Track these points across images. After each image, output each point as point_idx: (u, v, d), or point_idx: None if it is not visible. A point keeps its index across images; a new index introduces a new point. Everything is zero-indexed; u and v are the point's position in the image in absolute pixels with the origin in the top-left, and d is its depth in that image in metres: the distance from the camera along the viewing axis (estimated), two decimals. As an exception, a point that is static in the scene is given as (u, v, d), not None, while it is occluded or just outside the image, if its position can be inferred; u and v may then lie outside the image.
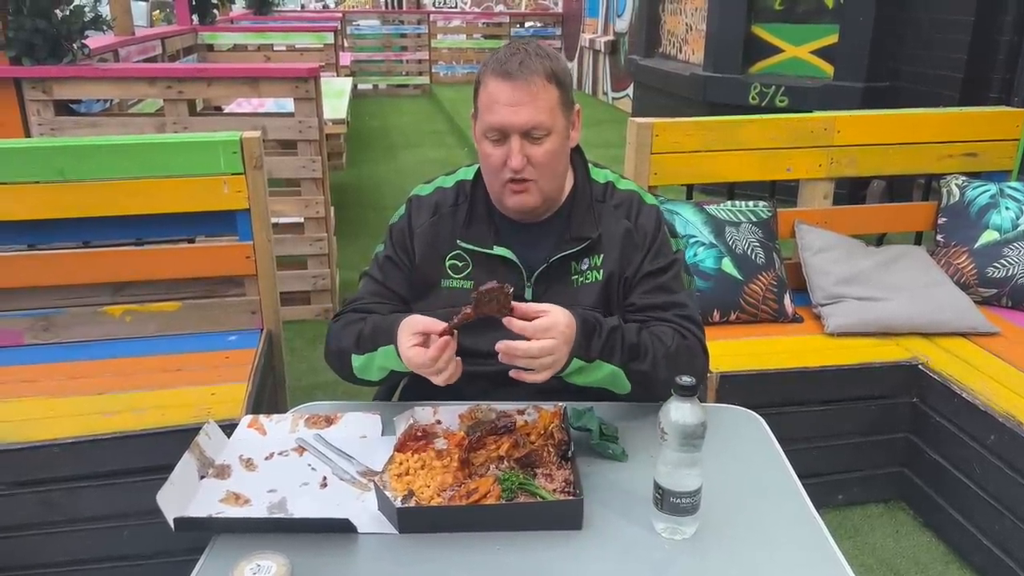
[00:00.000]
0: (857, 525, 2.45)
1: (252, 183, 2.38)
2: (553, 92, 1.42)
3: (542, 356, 1.29)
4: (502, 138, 1.42)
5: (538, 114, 1.40)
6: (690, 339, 1.50)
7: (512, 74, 1.39)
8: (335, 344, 1.57)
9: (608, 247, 1.54)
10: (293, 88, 3.57)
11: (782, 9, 5.75)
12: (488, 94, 1.42)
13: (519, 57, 1.41)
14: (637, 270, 1.54)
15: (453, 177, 1.62)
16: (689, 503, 1.16)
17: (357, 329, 1.52)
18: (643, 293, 1.53)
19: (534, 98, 1.40)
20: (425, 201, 1.60)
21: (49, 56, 3.38)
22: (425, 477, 1.27)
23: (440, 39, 12.84)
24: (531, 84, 1.39)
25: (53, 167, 2.27)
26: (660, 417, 1.15)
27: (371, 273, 1.64)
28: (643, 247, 1.54)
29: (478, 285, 1.50)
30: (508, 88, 1.40)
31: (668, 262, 1.55)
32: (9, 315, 2.39)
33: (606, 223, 1.55)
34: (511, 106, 1.40)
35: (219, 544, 1.16)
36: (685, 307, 1.54)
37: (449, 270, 1.55)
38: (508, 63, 1.40)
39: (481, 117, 1.45)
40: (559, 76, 1.43)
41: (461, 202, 1.57)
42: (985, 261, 2.73)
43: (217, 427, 1.40)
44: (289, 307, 3.83)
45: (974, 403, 2.19)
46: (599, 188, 1.58)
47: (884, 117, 2.95)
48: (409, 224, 1.59)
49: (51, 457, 1.91)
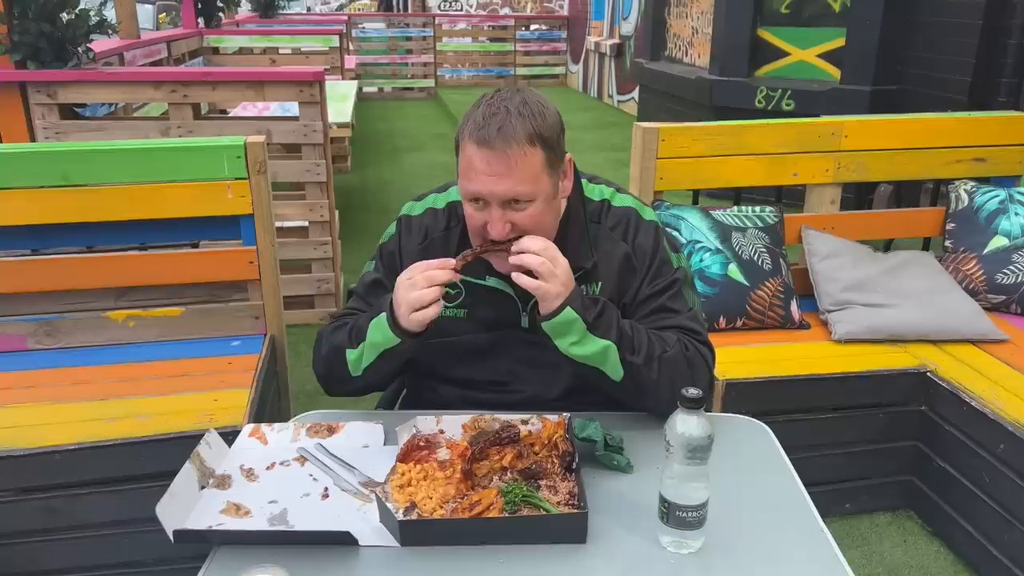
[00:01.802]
0: (865, 534, 2.43)
1: (256, 188, 2.38)
2: (537, 156, 1.32)
3: (547, 256, 1.32)
4: (483, 204, 1.35)
5: (518, 185, 1.31)
6: (692, 352, 1.45)
7: (490, 141, 1.29)
8: (326, 346, 1.54)
9: (605, 274, 1.49)
10: (298, 92, 3.57)
11: (789, 12, 5.73)
12: (466, 159, 1.33)
13: (498, 120, 1.30)
14: (636, 294, 1.49)
15: (445, 197, 1.56)
16: (695, 516, 1.14)
17: (349, 327, 1.50)
18: (644, 316, 1.48)
19: (514, 168, 1.30)
20: (415, 222, 1.55)
21: (54, 60, 3.38)
22: (427, 488, 1.26)
23: (445, 42, 12.84)
24: (510, 152, 1.29)
25: (57, 171, 2.26)
26: (666, 429, 1.13)
27: (358, 292, 1.60)
28: (642, 270, 1.49)
29: (472, 314, 1.50)
30: (485, 156, 1.30)
31: (668, 282, 1.50)
32: (12, 320, 2.39)
33: (602, 248, 1.49)
34: (489, 175, 1.30)
35: (219, 555, 1.15)
36: (689, 328, 1.49)
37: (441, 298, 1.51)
38: (487, 128, 1.29)
39: (460, 180, 1.37)
40: (543, 135, 1.32)
41: (453, 226, 1.52)
42: (994, 267, 2.71)
43: (218, 436, 1.39)
44: (293, 311, 3.82)
45: (983, 411, 2.17)
46: (594, 207, 1.52)
47: (892, 122, 2.93)
48: (399, 246, 1.55)
49: (53, 463, 1.90)
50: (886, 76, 5.18)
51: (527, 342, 1.48)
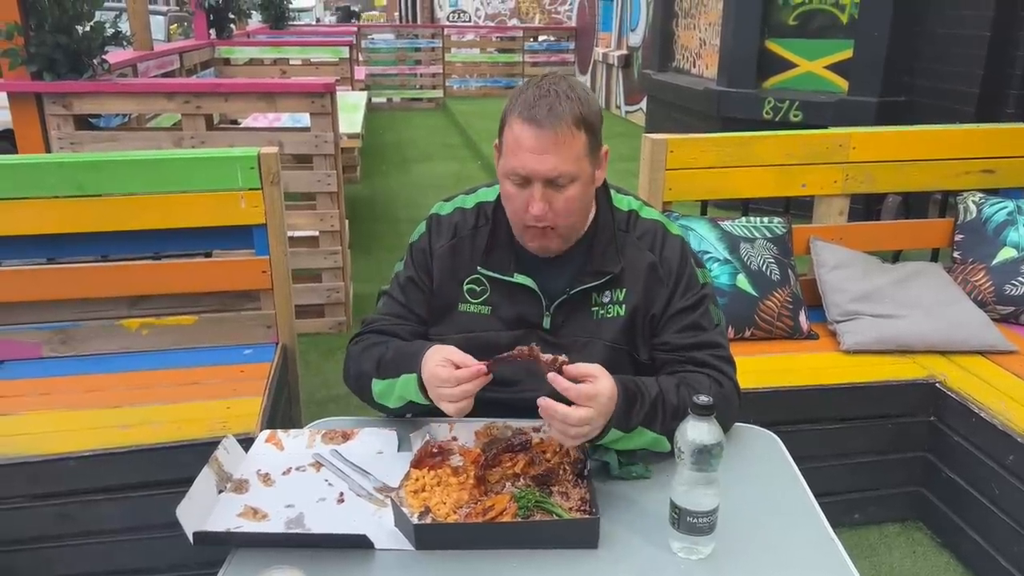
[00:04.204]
0: (874, 545, 2.43)
1: (269, 198, 2.40)
2: (581, 139, 1.36)
3: (580, 425, 1.24)
4: (524, 182, 1.38)
5: (563, 164, 1.34)
6: (726, 386, 1.48)
7: (539, 121, 1.33)
8: (354, 368, 1.55)
9: (631, 281, 1.50)
10: (309, 103, 3.60)
11: (796, 24, 5.75)
12: (513, 136, 1.36)
13: (548, 101, 1.33)
14: (666, 308, 1.50)
15: (474, 197, 1.58)
16: (706, 523, 1.15)
17: (378, 353, 1.50)
18: (675, 332, 1.50)
19: (560, 147, 1.33)
20: (445, 221, 1.57)
21: (70, 71, 3.42)
22: (441, 494, 1.27)
23: (454, 53, 12.92)
24: (558, 132, 1.33)
25: (72, 182, 2.29)
26: (677, 436, 1.15)
27: (391, 293, 1.62)
28: (669, 283, 1.51)
29: (496, 311, 1.51)
30: (534, 134, 1.33)
31: (698, 298, 1.52)
32: (28, 328, 2.41)
33: (629, 255, 1.51)
34: (536, 154, 1.34)
35: (237, 558, 1.17)
36: (719, 346, 1.51)
37: (467, 294, 1.53)
38: (536, 107, 1.33)
39: (505, 157, 1.39)
40: (588, 121, 1.36)
41: (481, 225, 1.54)
42: (1003, 278, 2.71)
43: (235, 442, 1.41)
44: (303, 320, 3.84)
45: (992, 422, 2.17)
46: (622, 217, 1.54)
47: (901, 133, 2.94)
48: (429, 244, 1.57)
49: (67, 470, 1.92)
50: (894, 88, 5.19)
51: (548, 343, 1.48)
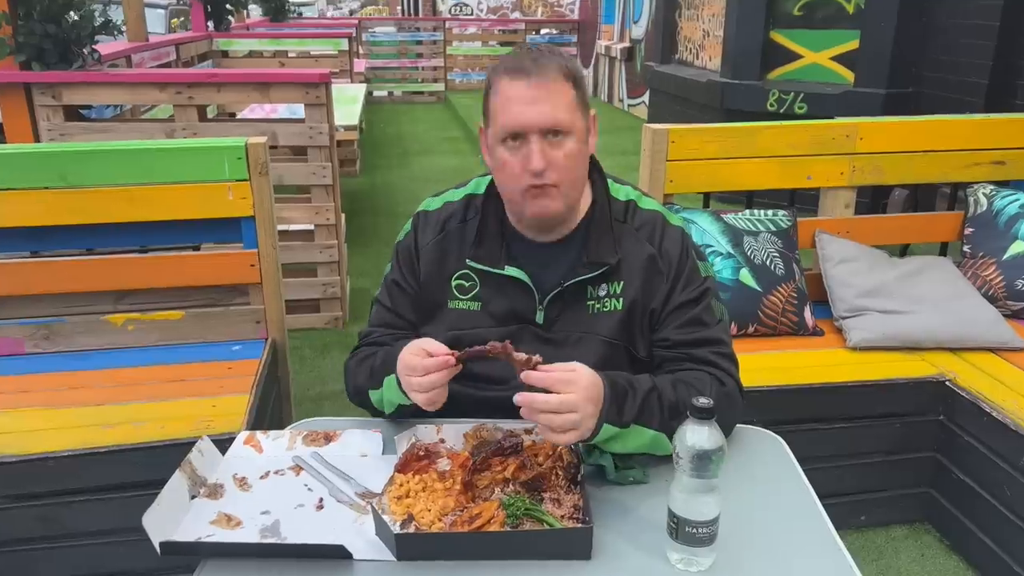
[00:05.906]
0: (881, 548, 2.36)
1: (257, 190, 2.34)
2: (570, 90, 1.34)
3: (564, 411, 1.17)
4: (520, 142, 1.33)
5: (557, 111, 1.31)
6: (728, 384, 1.41)
7: (527, 70, 1.31)
8: (352, 383, 1.52)
9: (629, 274, 1.43)
10: (304, 94, 3.53)
11: (801, 14, 5.67)
12: (502, 95, 1.33)
13: (533, 55, 1.34)
14: (666, 302, 1.44)
15: (463, 190, 1.53)
16: (706, 533, 1.08)
17: (369, 365, 1.47)
18: (676, 328, 1.43)
19: (552, 94, 1.31)
20: (432, 217, 1.51)
21: (59, 61, 3.35)
22: (426, 500, 1.21)
23: (455, 46, 12.84)
24: (548, 80, 1.31)
25: (55, 172, 2.23)
26: (675, 441, 1.08)
27: (380, 299, 1.57)
28: (669, 276, 1.44)
29: (486, 307, 1.45)
30: (523, 85, 1.31)
31: (700, 292, 1.45)
32: (10, 323, 2.35)
33: (627, 247, 1.44)
34: (529, 104, 1.30)
35: (208, 568, 1.11)
36: (721, 342, 1.45)
37: (455, 290, 1.47)
38: (522, 60, 1.33)
39: (495, 121, 1.35)
40: (575, 75, 1.35)
41: (471, 218, 1.48)
42: (1014, 273, 2.64)
43: (211, 443, 1.35)
44: (298, 315, 3.79)
45: (1004, 421, 2.11)
46: (619, 206, 1.47)
47: (909, 124, 2.86)
48: (415, 242, 1.51)
49: (48, 471, 1.86)
50: (901, 79, 5.11)
51: (541, 339, 1.42)
